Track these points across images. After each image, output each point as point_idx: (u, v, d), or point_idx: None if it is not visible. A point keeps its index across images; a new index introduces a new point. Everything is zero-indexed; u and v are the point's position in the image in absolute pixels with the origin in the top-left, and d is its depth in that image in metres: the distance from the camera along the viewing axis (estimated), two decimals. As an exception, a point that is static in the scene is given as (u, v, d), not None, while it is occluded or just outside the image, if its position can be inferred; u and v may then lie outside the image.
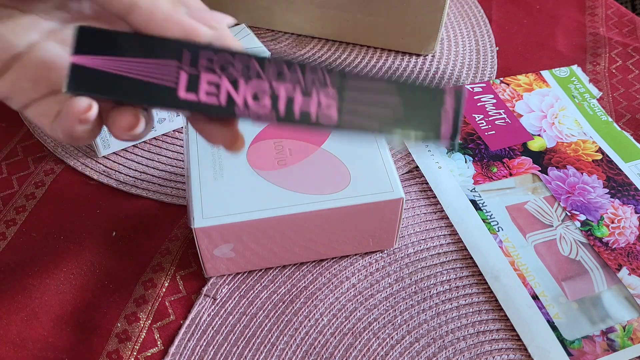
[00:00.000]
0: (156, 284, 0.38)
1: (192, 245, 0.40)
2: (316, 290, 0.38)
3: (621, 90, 0.53)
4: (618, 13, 0.62)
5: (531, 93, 0.52)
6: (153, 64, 0.20)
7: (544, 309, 0.37)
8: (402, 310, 0.37)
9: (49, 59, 0.23)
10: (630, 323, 0.37)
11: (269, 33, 0.58)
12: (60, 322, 0.36)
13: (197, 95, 0.20)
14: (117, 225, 0.41)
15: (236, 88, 0.20)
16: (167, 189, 0.44)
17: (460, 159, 0.46)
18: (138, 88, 0.20)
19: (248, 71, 0.20)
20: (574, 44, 0.58)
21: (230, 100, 0.20)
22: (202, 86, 0.20)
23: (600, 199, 0.43)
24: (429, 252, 0.40)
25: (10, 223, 0.42)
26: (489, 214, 0.42)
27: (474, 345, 0.36)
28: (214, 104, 0.20)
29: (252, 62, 0.20)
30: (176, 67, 0.20)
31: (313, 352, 0.35)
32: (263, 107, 0.20)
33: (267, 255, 0.38)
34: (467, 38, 0.58)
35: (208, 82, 0.20)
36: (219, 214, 0.34)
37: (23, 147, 0.47)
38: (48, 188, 0.44)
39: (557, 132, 0.48)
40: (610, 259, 0.40)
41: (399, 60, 0.56)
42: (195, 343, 0.36)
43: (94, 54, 0.20)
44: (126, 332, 0.36)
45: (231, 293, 0.38)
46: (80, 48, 0.20)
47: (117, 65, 0.20)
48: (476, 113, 0.50)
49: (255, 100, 0.20)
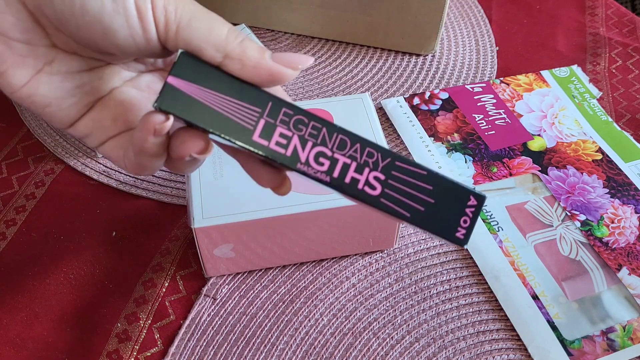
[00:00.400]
0: (156, 284, 0.38)
1: (192, 245, 0.40)
2: (316, 290, 0.38)
3: (621, 90, 0.53)
4: (618, 13, 0.62)
5: (531, 93, 0.52)
6: (239, 105, 0.23)
7: (544, 309, 0.37)
8: (402, 310, 0.37)
9: (127, 101, 0.27)
10: (630, 323, 0.37)
11: (269, 33, 0.58)
12: (60, 322, 0.36)
13: (269, 142, 0.23)
14: (117, 225, 0.41)
15: (303, 146, 0.23)
16: (167, 189, 0.44)
17: (460, 159, 0.46)
18: (220, 121, 0.23)
19: (317, 136, 0.23)
20: (574, 44, 0.58)
21: (295, 154, 0.23)
22: (274, 137, 0.23)
23: (600, 199, 0.43)
24: (429, 252, 0.40)
25: (10, 223, 0.42)
26: (489, 214, 0.42)
27: (474, 345, 0.36)
28: (282, 153, 0.23)
29: (323, 130, 0.23)
30: (258, 114, 0.23)
31: (313, 352, 0.35)
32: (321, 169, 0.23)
33: (267, 255, 0.38)
34: (467, 38, 0.58)
35: (281, 134, 0.23)
36: (219, 214, 0.34)
37: (23, 147, 0.47)
38: (48, 188, 0.44)
39: (557, 132, 0.48)
40: (610, 259, 0.40)
41: (399, 60, 0.56)
42: (195, 343, 0.36)
43: (189, 80, 0.23)
44: (126, 332, 0.36)
45: (231, 293, 0.38)
46: (178, 71, 0.23)
47: (207, 96, 0.23)
48: (476, 113, 0.50)
49: (316, 162, 0.23)
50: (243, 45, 0.23)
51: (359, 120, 0.40)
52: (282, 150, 0.23)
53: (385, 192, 0.23)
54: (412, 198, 0.24)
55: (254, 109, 0.23)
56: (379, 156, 0.23)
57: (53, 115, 0.26)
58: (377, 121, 0.40)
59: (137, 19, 0.22)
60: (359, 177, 0.23)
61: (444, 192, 0.24)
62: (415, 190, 0.24)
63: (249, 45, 0.23)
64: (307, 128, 0.23)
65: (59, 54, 0.24)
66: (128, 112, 0.27)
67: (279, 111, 0.23)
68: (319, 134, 0.23)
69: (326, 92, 0.52)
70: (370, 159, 0.23)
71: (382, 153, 0.23)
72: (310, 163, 0.23)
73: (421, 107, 0.51)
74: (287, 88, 0.52)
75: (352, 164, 0.23)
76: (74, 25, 0.22)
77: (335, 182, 0.23)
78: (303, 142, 0.23)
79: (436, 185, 0.24)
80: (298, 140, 0.23)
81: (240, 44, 0.23)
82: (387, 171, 0.23)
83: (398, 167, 0.23)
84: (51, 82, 0.25)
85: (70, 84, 0.25)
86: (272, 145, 0.23)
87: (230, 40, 0.23)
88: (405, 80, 0.54)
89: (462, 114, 0.50)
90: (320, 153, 0.23)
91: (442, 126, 0.49)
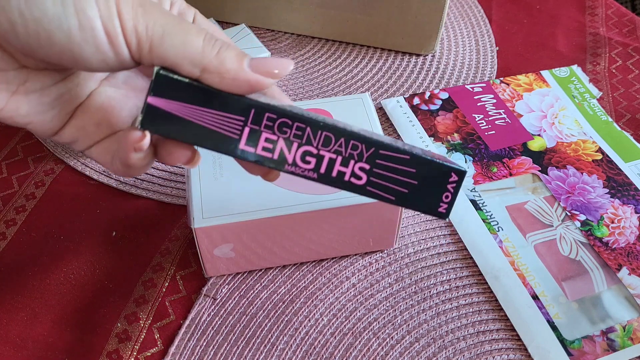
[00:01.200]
0: (156, 284, 0.38)
1: (192, 245, 0.40)
2: (316, 290, 0.38)
3: (621, 90, 0.53)
4: (618, 13, 0.62)
5: (531, 93, 0.52)
6: (222, 116, 0.23)
7: (544, 309, 0.37)
8: (402, 310, 0.37)
9: (107, 103, 0.27)
10: (630, 323, 0.37)
11: (269, 33, 0.58)
12: (60, 322, 0.36)
13: (255, 149, 0.24)
14: (117, 225, 0.41)
15: (289, 148, 0.24)
16: (167, 189, 0.44)
17: (460, 159, 0.46)
18: (204, 135, 0.23)
19: (302, 136, 0.24)
20: (574, 44, 0.58)
21: (282, 157, 0.24)
22: (260, 143, 0.24)
23: (600, 198, 0.43)
24: (429, 252, 0.40)
25: (10, 223, 0.42)
26: (489, 214, 0.42)
27: (474, 345, 0.36)
28: (269, 157, 0.24)
29: (307, 130, 0.24)
30: (242, 122, 0.23)
31: (313, 352, 0.35)
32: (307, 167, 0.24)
33: (267, 255, 0.38)
34: (467, 38, 0.58)
35: (266, 139, 0.24)
36: (219, 214, 0.34)
37: (23, 147, 0.47)
38: (48, 188, 0.44)
39: (557, 132, 0.48)
40: (610, 259, 0.40)
41: (399, 60, 0.56)
42: (195, 343, 0.36)
43: (169, 99, 0.23)
44: (126, 332, 0.36)
45: (231, 293, 0.38)
46: (157, 90, 0.22)
47: (189, 112, 0.23)
48: (476, 113, 0.50)
49: (303, 161, 0.24)
50: (220, 57, 0.22)
51: (359, 120, 0.40)
52: (269, 155, 0.24)
53: (370, 180, 0.25)
54: (396, 182, 0.25)
55: (237, 118, 0.23)
56: (363, 147, 0.24)
57: (37, 129, 0.25)
58: (377, 121, 0.40)
59: (108, 44, 0.21)
60: (345, 169, 0.24)
61: (426, 173, 0.25)
62: (399, 175, 0.25)
63: (227, 56, 0.22)
64: (291, 130, 0.24)
65: (30, 74, 0.24)
66: (110, 116, 0.26)
67: (262, 116, 0.23)
68: (303, 134, 0.24)
69: (326, 92, 0.52)
70: (355, 151, 0.24)
71: (366, 144, 0.24)
72: (297, 163, 0.24)
73: (421, 107, 0.51)
74: (288, 88, 0.52)
75: (338, 158, 0.24)
76: (42, 54, 0.22)
77: (322, 177, 0.24)
78: (288, 144, 0.24)
79: (419, 167, 0.25)
80: (284, 142, 0.24)
81: (217, 56, 0.22)
82: (371, 160, 0.24)
83: (382, 155, 0.25)
84: (29, 102, 0.24)
85: (47, 98, 0.25)
86: (259, 151, 0.24)
87: (207, 52, 0.22)
88: (405, 80, 0.54)
89: (462, 114, 0.50)
90: (306, 152, 0.24)
91: (442, 126, 0.49)
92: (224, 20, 0.58)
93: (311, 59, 0.56)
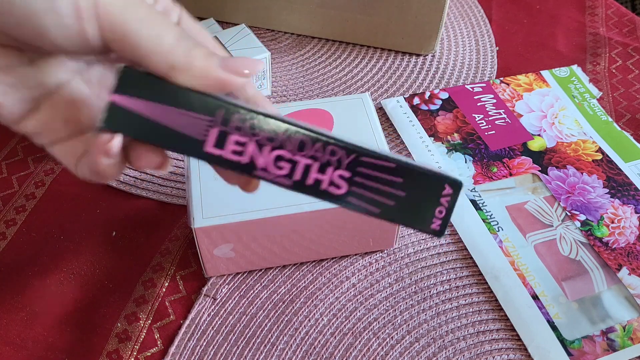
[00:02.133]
0: (156, 284, 0.38)
1: (192, 245, 0.40)
2: (316, 290, 0.38)
3: (621, 90, 0.53)
4: (618, 13, 0.62)
5: (531, 93, 0.52)
6: (188, 115, 0.22)
7: (544, 309, 0.37)
8: (402, 310, 0.37)
9: (78, 99, 0.25)
10: (630, 323, 0.37)
11: (269, 33, 0.58)
12: (60, 322, 0.36)
13: (223, 151, 0.22)
14: (117, 225, 0.41)
15: (260, 151, 0.22)
16: (167, 189, 0.44)
17: (460, 159, 0.46)
18: (168, 136, 0.22)
19: (274, 139, 0.22)
20: (574, 44, 0.58)
21: (252, 162, 0.22)
22: (229, 145, 0.22)
23: (600, 198, 0.43)
24: (429, 252, 0.40)
25: (10, 223, 0.42)
26: (489, 214, 0.42)
27: (474, 345, 0.36)
28: (237, 161, 0.22)
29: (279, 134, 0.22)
30: (208, 123, 0.22)
31: (313, 352, 0.35)
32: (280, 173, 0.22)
33: (267, 255, 0.38)
34: (467, 38, 0.58)
35: (236, 142, 0.22)
36: (219, 214, 0.34)
37: (23, 147, 0.47)
38: (48, 188, 0.44)
39: (557, 132, 0.48)
40: (610, 259, 0.40)
41: (399, 60, 0.56)
42: (195, 343, 0.36)
43: (133, 96, 0.21)
44: (126, 332, 0.36)
45: (231, 293, 0.38)
46: (121, 88, 0.21)
47: (153, 111, 0.22)
48: (476, 113, 0.50)
49: (276, 166, 0.22)
50: (190, 55, 0.21)
51: (358, 120, 0.40)
52: (238, 158, 0.22)
53: (352, 190, 0.22)
54: (380, 193, 0.23)
55: (204, 117, 0.22)
56: (343, 153, 0.22)
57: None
58: (377, 121, 0.40)
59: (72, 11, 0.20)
60: (322, 177, 0.22)
61: (415, 183, 0.23)
62: (384, 185, 0.23)
63: (197, 55, 0.21)
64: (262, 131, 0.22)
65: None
66: (79, 113, 0.25)
67: (231, 117, 0.22)
68: (276, 136, 0.22)
69: (326, 92, 0.52)
70: (333, 156, 0.22)
71: (346, 150, 0.22)
72: (268, 168, 0.22)
73: (421, 107, 0.51)
74: (288, 89, 0.52)
75: (314, 164, 0.22)
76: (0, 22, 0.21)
77: (297, 185, 0.22)
78: (260, 147, 0.22)
79: (407, 176, 0.22)
80: (255, 145, 0.22)
81: (186, 54, 0.21)
82: (352, 168, 0.22)
83: (364, 163, 0.22)
84: None
85: (11, 79, 0.23)
86: (226, 154, 0.22)
87: (177, 49, 0.21)
88: (405, 80, 0.54)
89: (462, 114, 0.50)
90: (280, 157, 0.22)
91: (442, 126, 0.49)
92: (224, 20, 0.58)
93: (311, 59, 0.56)
